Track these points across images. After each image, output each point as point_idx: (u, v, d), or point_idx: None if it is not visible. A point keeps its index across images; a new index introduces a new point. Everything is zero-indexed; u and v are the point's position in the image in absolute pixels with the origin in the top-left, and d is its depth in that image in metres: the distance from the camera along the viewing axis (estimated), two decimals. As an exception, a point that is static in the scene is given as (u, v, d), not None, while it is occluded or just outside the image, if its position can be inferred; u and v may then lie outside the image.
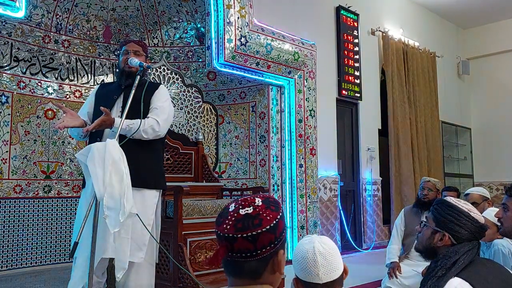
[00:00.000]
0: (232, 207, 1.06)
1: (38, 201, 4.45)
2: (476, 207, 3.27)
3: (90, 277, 1.97)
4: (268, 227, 1.03)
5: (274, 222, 1.04)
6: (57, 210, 4.56)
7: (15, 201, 4.30)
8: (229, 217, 1.04)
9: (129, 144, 2.32)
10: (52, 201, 4.54)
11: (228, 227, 1.02)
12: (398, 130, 6.53)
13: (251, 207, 1.05)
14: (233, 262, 1.04)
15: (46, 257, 4.43)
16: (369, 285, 3.82)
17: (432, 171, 7.05)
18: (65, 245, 4.54)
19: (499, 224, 2.01)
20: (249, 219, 1.03)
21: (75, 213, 4.68)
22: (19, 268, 4.23)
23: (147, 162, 2.51)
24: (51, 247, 4.47)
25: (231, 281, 1.07)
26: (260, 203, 1.06)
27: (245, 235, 1.01)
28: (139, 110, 2.37)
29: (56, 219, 4.54)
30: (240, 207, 1.05)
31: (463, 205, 1.65)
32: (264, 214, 1.04)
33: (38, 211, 4.44)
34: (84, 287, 2.09)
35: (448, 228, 1.60)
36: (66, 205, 4.61)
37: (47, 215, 4.49)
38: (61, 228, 4.55)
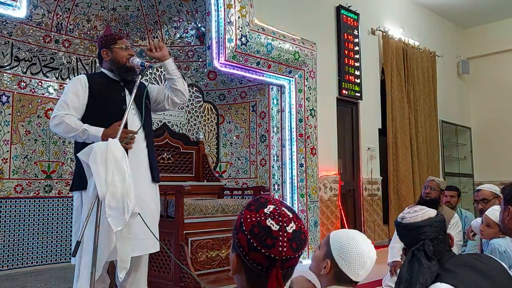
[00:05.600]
0: (274, 226, 1.00)
1: (39, 201, 4.46)
2: (486, 204, 3.28)
3: (92, 278, 1.98)
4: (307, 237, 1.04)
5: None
6: (57, 209, 4.56)
7: (16, 201, 4.30)
8: (280, 238, 0.99)
9: (150, 143, 2.49)
10: (53, 200, 4.55)
11: (285, 249, 0.98)
12: (396, 129, 6.54)
13: (292, 222, 1.02)
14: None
15: (47, 256, 4.43)
16: (370, 284, 3.82)
17: (429, 171, 7.06)
18: (66, 245, 4.54)
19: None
20: (298, 236, 1.01)
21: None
22: (20, 268, 4.24)
23: (155, 157, 2.63)
24: (52, 246, 4.48)
25: None
26: (291, 214, 1.04)
27: (300, 253, 1.02)
28: (142, 109, 2.43)
29: (57, 218, 4.55)
30: (285, 224, 1.01)
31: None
32: (303, 226, 1.04)
33: (39, 210, 4.44)
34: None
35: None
36: (67, 204, 4.61)
37: (48, 214, 4.50)
38: (62, 227, 4.55)
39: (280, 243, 0.98)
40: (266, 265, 0.99)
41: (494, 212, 2.55)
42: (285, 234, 0.99)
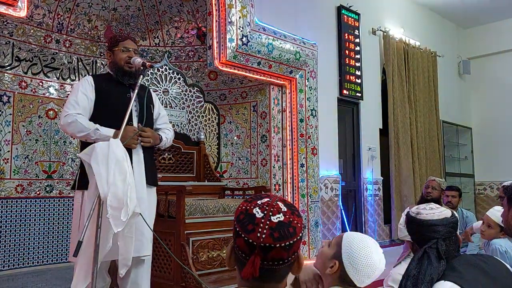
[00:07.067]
0: (259, 213, 1.00)
1: (40, 201, 4.45)
2: None
3: (93, 278, 1.97)
4: (300, 234, 1.02)
5: (303, 228, 1.04)
6: (58, 209, 4.56)
7: (16, 201, 4.30)
8: (261, 224, 0.98)
9: (148, 147, 2.48)
10: (54, 200, 4.54)
11: (264, 236, 0.97)
12: (398, 129, 6.54)
13: (281, 213, 1.01)
14: (264, 271, 0.99)
15: (48, 256, 4.43)
16: (371, 284, 3.82)
17: (430, 171, 7.06)
18: (67, 245, 4.54)
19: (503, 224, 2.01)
20: (284, 228, 0.99)
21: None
22: (21, 268, 4.23)
23: (154, 161, 2.67)
24: (53, 246, 4.47)
25: (252, 284, 1.02)
26: (285, 209, 1.03)
27: (283, 244, 0.98)
28: (144, 112, 2.45)
29: (58, 218, 4.54)
30: (270, 213, 1.00)
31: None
32: (295, 221, 1.01)
33: (40, 210, 4.44)
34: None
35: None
36: (68, 205, 4.61)
37: (49, 214, 4.49)
38: (62, 227, 4.55)
39: (260, 229, 0.98)
40: (247, 252, 0.99)
41: (495, 212, 2.56)
42: (268, 222, 0.99)
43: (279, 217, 1.00)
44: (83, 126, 2.31)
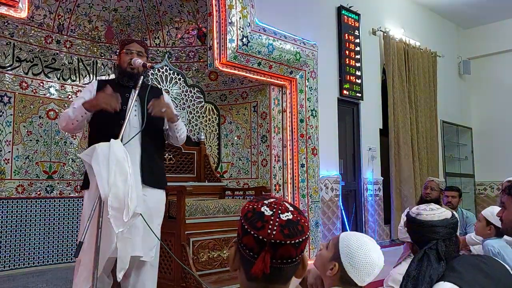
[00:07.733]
0: (268, 211, 1.01)
1: (41, 201, 4.46)
2: None
3: (94, 278, 1.98)
4: (308, 233, 1.03)
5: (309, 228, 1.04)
6: (59, 210, 4.57)
7: (17, 201, 4.31)
8: (271, 222, 0.99)
9: (148, 147, 2.46)
10: (54, 201, 4.55)
11: (274, 232, 0.97)
12: (398, 129, 6.54)
13: (289, 212, 1.02)
14: (271, 269, 0.99)
15: (48, 257, 4.44)
16: (371, 284, 3.82)
17: (430, 171, 7.06)
18: (67, 245, 4.55)
19: (500, 222, 2.03)
20: (293, 225, 1.00)
21: (77, 213, 4.70)
22: (22, 268, 4.24)
23: (161, 163, 2.64)
24: (53, 247, 4.48)
25: (258, 285, 1.02)
26: (292, 208, 1.04)
27: (293, 241, 0.99)
28: (145, 112, 2.44)
29: (58, 219, 4.55)
30: (279, 211, 1.01)
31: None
32: (302, 220, 1.02)
33: (40, 211, 4.45)
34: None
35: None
36: (68, 205, 4.62)
37: (49, 215, 4.50)
38: (63, 228, 4.56)
39: (270, 226, 0.98)
40: (256, 250, 0.99)
41: (489, 209, 2.61)
42: (278, 219, 1.00)
43: (287, 215, 1.01)
44: (65, 113, 2.43)
